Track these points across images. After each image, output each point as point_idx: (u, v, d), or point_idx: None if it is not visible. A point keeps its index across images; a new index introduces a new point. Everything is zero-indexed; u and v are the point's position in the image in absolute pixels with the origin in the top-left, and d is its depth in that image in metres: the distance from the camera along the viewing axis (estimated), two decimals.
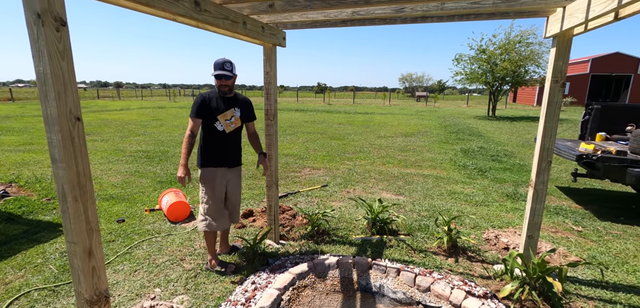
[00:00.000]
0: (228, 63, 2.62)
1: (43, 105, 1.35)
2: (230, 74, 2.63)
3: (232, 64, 2.65)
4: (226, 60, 2.62)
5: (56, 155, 1.40)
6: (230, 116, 2.71)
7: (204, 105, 2.63)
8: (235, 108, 2.76)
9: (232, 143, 2.79)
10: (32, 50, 1.31)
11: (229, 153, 2.78)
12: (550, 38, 2.40)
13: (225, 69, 2.60)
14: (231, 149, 2.79)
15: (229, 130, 2.71)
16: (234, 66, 2.66)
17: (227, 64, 2.61)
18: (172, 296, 2.49)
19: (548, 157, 2.50)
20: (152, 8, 1.74)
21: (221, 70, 2.60)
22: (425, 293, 2.42)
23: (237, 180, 2.91)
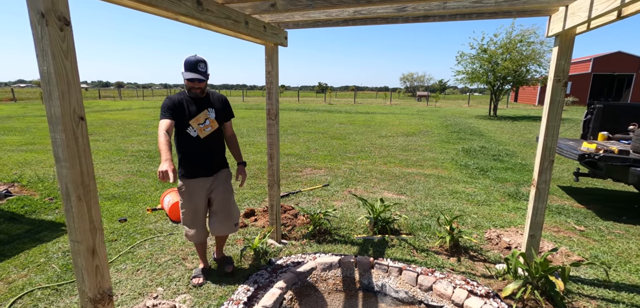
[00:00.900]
0: (202, 63, 2.34)
1: (47, 105, 1.36)
2: (204, 76, 2.35)
3: (206, 63, 2.38)
4: (199, 60, 2.34)
5: (60, 155, 1.41)
6: (203, 119, 2.42)
7: (173, 107, 2.34)
8: (209, 109, 2.45)
9: (210, 148, 2.48)
10: (36, 49, 1.31)
11: (207, 160, 2.49)
12: (552, 37, 2.39)
13: (199, 70, 2.32)
14: (209, 154, 2.49)
15: (204, 134, 2.42)
16: (207, 66, 2.40)
17: (201, 64, 2.33)
18: (174, 295, 2.50)
19: (550, 156, 2.50)
20: (155, 8, 1.75)
21: (194, 73, 2.32)
22: (428, 293, 2.42)
23: (224, 186, 2.60)
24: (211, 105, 2.48)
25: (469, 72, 18.84)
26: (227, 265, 2.79)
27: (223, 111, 2.58)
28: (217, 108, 2.51)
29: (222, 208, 2.59)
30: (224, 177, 2.63)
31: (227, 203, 2.61)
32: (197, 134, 2.41)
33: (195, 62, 2.32)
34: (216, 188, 2.56)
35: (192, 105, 2.40)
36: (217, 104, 2.54)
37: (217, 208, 2.58)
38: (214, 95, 2.57)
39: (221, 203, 2.58)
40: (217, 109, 2.51)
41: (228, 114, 2.64)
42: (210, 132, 2.45)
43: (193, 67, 2.32)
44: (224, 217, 2.60)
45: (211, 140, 2.48)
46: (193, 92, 2.39)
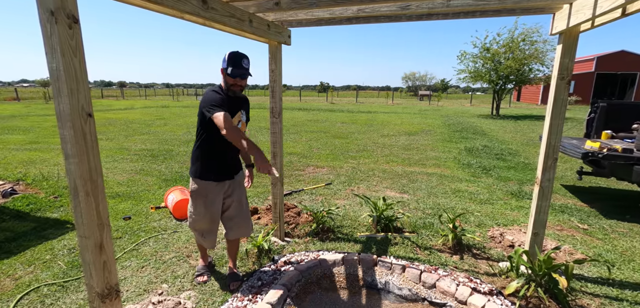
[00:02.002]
0: (246, 59, 2.23)
1: (56, 102, 1.37)
2: (248, 73, 2.25)
3: (249, 60, 2.26)
4: (244, 56, 2.23)
5: (68, 151, 1.42)
6: (237, 121, 2.34)
7: (225, 104, 2.17)
8: (242, 111, 2.39)
9: (235, 151, 2.43)
10: (45, 47, 1.33)
11: (231, 162, 2.43)
12: (556, 35, 2.39)
13: (244, 66, 2.20)
14: (234, 157, 2.45)
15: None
16: (249, 63, 2.29)
17: (245, 60, 2.22)
18: (179, 292, 2.52)
19: (554, 155, 2.50)
20: (161, 6, 1.76)
21: (240, 68, 2.19)
22: (431, 290, 2.43)
23: (239, 190, 2.51)
24: (243, 108, 2.40)
25: (471, 71, 18.80)
26: (232, 282, 2.55)
27: (248, 115, 2.53)
28: (247, 110, 2.47)
29: (240, 212, 2.50)
30: (240, 181, 2.54)
31: (245, 207, 2.54)
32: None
33: (241, 57, 2.20)
34: (234, 192, 2.46)
35: (230, 104, 2.26)
36: (246, 106, 2.46)
37: (234, 212, 2.48)
38: (246, 98, 2.49)
39: (239, 207, 2.49)
40: (247, 111, 2.48)
41: (248, 117, 2.57)
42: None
43: (239, 63, 2.19)
44: (242, 220, 2.52)
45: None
46: (233, 90, 2.25)
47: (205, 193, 2.34)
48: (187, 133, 11.13)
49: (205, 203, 2.35)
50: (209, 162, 2.31)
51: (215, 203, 2.38)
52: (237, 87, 2.25)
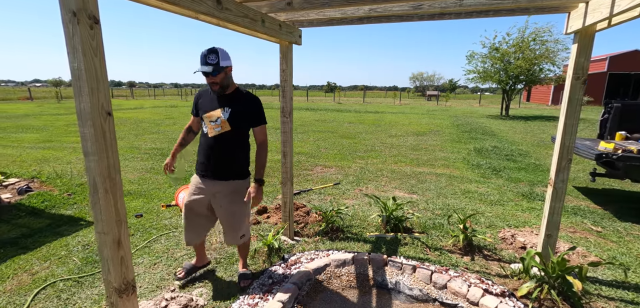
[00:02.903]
0: (212, 54, 2.09)
1: (77, 100, 1.41)
2: (211, 70, 2.09)
3: (217, 54, 2.10)
4: (209, 51, 2.10)
5: (88, 149, 1.45)
6: (215, 118, 2.22)
7: (196, 101, 2.36)
8: (225, 108, 2.22)
9: (218, 151, 2.27)
10: (67, 47, 1.36)
11: (212, 162, 2.29)
12: (571, 34, 2.36)
13: (208, 62, 2.09)
14: (216, 157, 2.28)
15: (212, 134, 2.25)
16: (220, 56, 2.11)
17: (211, 56, 2.09)
18: (191, 288, 2.55)
19: (568, 156, 2.46)
20: (177, 6, 1.79)
21: (202, 66, 2.12)
22: (442, 291, 2.42)
23: (227, 198, 2.33)
24: (230, 105, 2.24)
25: (480, 71, 18.61)
26: (243, 280, 2.55)
27: (245, 114, 2.26)
28: (235, 109, 2.23)
29: (225, 221, 2.40)
30: (231, 189, 2.33)
31: (230, 217, 2.37)
32: (207, 131, 2.27)
33: (203, 55, 2.11)
34: (219, 199, 2.33)
35: (211, 100, 2.27)
36: (238, 105, 2.25)
37: (221, 217, 2.41)
38: (242, 95, 2.30)
39: (222, 216, 2.39)
40: (236, 111, 2.23)
41: (253, 119, 2.30)
42: (220, 133, 2.24)
43: (202, 60, 2.11)
44: (227, 229, 2.43)
45: (219, 142, 2.26)
46: (211, 88, 2.22)
47: (191, 183, 2.43)
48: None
49: (189, 192, 2.41)
50: (197, 156, 2.40)
51: (192, 195, 2.37)
52: (212, 85, 2.19)
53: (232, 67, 2.25)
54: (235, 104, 2.25)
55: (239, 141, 2.32)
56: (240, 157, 2.35)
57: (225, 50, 2.18)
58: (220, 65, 2.12)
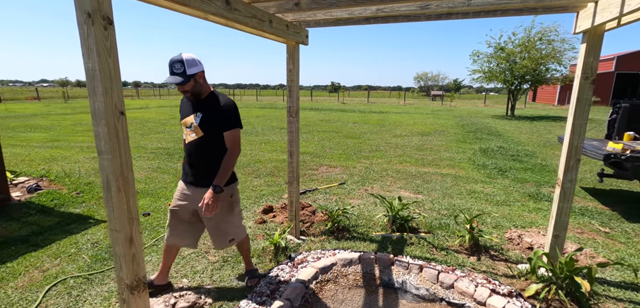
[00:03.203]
0: (177, 64, 2.04)
1: (91, 100, 1.43)
2: (179, 80, 2.06)
3: (182, 62, 2.04)
4: (174, 61, 2.05)
5: (102, 147, 1.48)
6: (189, 123, 2.22)
7: (180, 107, 2.36)
8: (197, 113, 2.18)
9: (195, 158, 2.24)
10: (82, 47, 1.38)
11: (192, 168, 2.27)
12: (579, 34, 2.35)
13: (175, 72, 2.05)
14: (194, 164, 2.26)
15: (189, 140, 2.23)
16: (186, 65, 2.05)
17: (177, 65, 2.04)
18: (199, 286, 2.58)
19: (576, 156, 2.45)
20: (187, 7, 1.81)
21: (170, 77, 2.09)
22: (449, 290, 2.42)
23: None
24: (201, 109, 2.19)
25: (485, 71, 18.51)
26: (250, 278, 2.58)
27: (214, 118, 2.17)
28: (206, 114, 2.17)
29: (210, 227, 2.34)
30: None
31: (215, 223, 2.32)
32: (185, 137, 2.25)
33: (170, 63, 2.06)
34: (198, 203, 2.26)
35: (188, 106, 2.25)
36: (209, 109, 2.18)
37: (206, 225, 2.35)
38: (219, 100, 2.20)
39: (207, 223, 2.32)
40: (207, 115, 2.17)
41: (222, 124, 2.18)
42: (194, 140, 2.21)
43: (169, 70, 2.07)
44: (213, 234, 2.36)
45: (193, 149, 2.23)
46: (184, 95, 2.20)
47: (178, 188, 2.39)
48: None
49: (174, 197, 2.38)
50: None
51: (179, 202, 2.33)
52: (184, 93, 2.15)
53: (202, 72, 2.16)
54: (206, 109, 2.18)
55: (213, 147, 2.22)
56: (216, 163, 2.20)
57: (193, 57, 2.10)
58: (188, 74, 2.06)
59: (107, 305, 2.39)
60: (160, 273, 2.51)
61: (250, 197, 4.75)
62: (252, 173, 6.12)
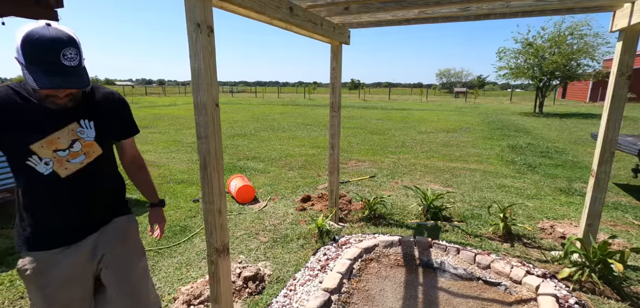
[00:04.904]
0: (71, 50, 1.11)
1: (195, 94, 1.75)
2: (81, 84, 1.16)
3: (77, 47, 1.13)
4: (65, 42, 1.10)
5: (201, 133, 1.80)
6: (67, 142, 1.25)
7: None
8: (83, 122, 1.29)
9: (85, 191, 1.33)
10: (190, 51, 1.70)
11: (78, 211, 1.33)
12: (616, 32, 2.48)
13: (66, 58, 1.10)
14: (83, 202, 1.33)
15: (68, 172, 1.27)
16: (80, 49, 1.15)
17: (70, 52, 1.10)
18: (256, 261, 2.90)
19: (611, 148, 2.58)
20: (262, 15, 2.11)
21: (52, 74, 1.09)
22: (485, 271, 2.62)
23: (122, 248, 1.43)
24: (88, 115, 1.31)
25: (512, 68, 18.10)
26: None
27: (116, 122, 1.44)
28: (100, 121, 1.34)
29: (125, 288, 1.39)
30: (120, 229, 1.46)
31: (132, 276, 1.42)
32: (53, 171, 1.24)
33: (55, 42, 1.08)
34: (108, 254, 1.38)
35: (44, 113, 1.20)
36: (102, 111, 1.36)
37: (115, 290, 1.38)
38: (98, 92, 1.38)
39: (122, 279, 1.39)
40: (101, 123, 1.35)
41: (127, 128, 1.52)
42: (86, 165, 1.31)
43: (48, 59, 1.08)
44: (127, 298, 1.39)
45: (85, 179, 1.32)
46: (51, 102, 1.20)
47: (33, 272, 1.28)
48: (229, 127, 11.78)
49: (42, 290, 1.29)
50: (27, 215, 1.29)
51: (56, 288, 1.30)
52: (57, 99, 1.19)
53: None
54: (97, 111, 1.34)
55: (109, 164, 1.46)
56: (117, 184, 1.53)
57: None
58: (84, 67, 1.19)
59: (180, 273, 2.75)
60: None
61: (288, 187, 5.07)
62: (284, 166, 6.45)
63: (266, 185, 5.16)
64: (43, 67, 1.08)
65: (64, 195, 1.29)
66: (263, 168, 6.27)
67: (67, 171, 1.27)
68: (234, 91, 49.54)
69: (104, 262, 1.38)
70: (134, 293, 1.41)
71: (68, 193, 1.30)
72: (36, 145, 1.19)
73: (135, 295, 1.41)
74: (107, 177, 1.46)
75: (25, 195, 1.28)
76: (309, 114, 17.32)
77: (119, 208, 1.53)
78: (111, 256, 1.39)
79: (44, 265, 1.29)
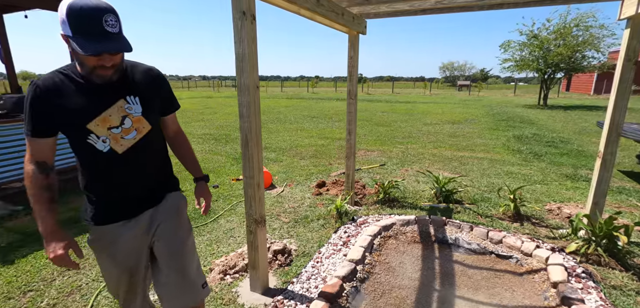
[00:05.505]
0: (111, 16, 1.14)
1: (239, 77, 1.93)
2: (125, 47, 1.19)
3: (117, 15, 1.17)
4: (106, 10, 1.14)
5: (243, 112, 1.98)
6: (118, 119, 1.30)
7: (46, 106, 1.21)
8: (129, 98, 1.32)
9: (139, 168, 1.40)
10: (235, 37, 1.87)
11: (134, 189, 1.41)
12: (623, 20, 2.62)
13: (108, 24, 1.13)
14: (138, 179, 1.41)
15: (125, 148, 1.33)
16: (119, 17, 1.18)
17: (111, 18, 1.14)
18: (281, 239, 3.09)
19: (617, 130, 2.74)
20: (293, 4, 2.27)
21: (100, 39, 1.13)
22: (498, 245, 2.80)
23: (175, 222, 1.49)
24: (132, 91, 1.34)
25: (517, 60, 18.14)
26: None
27: (158, 99, 1.45)
28: (144, 96, 1.37)
29: (175, 263, 1.45)
30: (173, 206, 1.52)
31: (182, 251, 1.48)
32: (110, 148, 1.30)
33: (97, 10, 1.12)
34: (161, 228, 1.45)
35: (91, 93, 1.25)
36: (144, 86, 1.38)
37: (166, 263, 1.45)
38: (137, 69, 1.40)
39: (172, 253, 1.45)
40: (145, 97, 1.37)
41: (168, 103, 1.52)
42: (138, 141, 1.36)
43: (92, 25, 1.12)
44: (179, 277, 1.45)
45: (139, 154, 1.38)
46: (99, 74, 1.21)
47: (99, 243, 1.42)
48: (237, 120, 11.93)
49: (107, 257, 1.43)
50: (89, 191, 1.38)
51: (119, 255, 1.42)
52: (103, 71, 1.21)
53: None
54: (139, 87, 1.36)
55: (158, 140, 1.51)
56: (166, 160, 1.56)
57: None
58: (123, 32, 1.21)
59: (211, 248, 2.94)
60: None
61: (302, 175, 5.25)
62: (296, 155, 6.64)
63: (281, 173, 5.35)
64: (89, 35, 1.12)
65: (123, 170, 1.35)
66: (275, 157, 6.45)
67: (122, 147, 1.32)
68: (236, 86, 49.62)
69: (157, 235, 1.44)
70: (182, 268, 1.46)
71: (126, 169, 1.36)
72: (92, 124, 1.25)
73: (184, 270, 1.46)
74: (158, 152, 1.50)
75: (88, 173, 1.35)
76: (314, 106, 17.48)
77: (171, 184, 1.57)
78: (164, 230, 1.45)
79: (110, 237, 1.39)
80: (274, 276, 2.50)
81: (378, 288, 2.35)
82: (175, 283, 1.44)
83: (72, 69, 1.25)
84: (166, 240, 1.44)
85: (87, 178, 1.36)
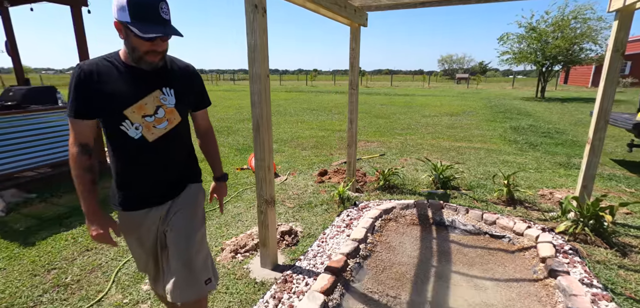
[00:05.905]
0: (164, 4, 1.24)
1: (251, 67, 2.07)
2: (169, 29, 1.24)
3: (168, 4, 1.27)
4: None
5: (255, 100, 2.13)
6: (153, 108, 1.35)
7: (88, 89, 1.26)
8: (165, 89, 1.38)
9: (167, 158, 1.45)
10: (247, 29, 2.01)
11: (162, 178, 1.46)
12: (613, 12, 2.77)
13: (162, 16, 1.23)
14: (165, 170, 1.46)
15: (155, 137, 1.38)
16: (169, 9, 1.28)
17: (164, 5, 1.24)
18: (287, 222, 3.25)
19: (605, 117, 2.90)
20: None
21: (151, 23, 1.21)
22: (492, 226, 2.97)
23: (189, 210, 1.50)
24: (169, 82, 1.39)
25: (515, 52, 18.26)
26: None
27: (191, 94, 1.50)
28: (178, 89, 1.42)
29: (182, 255, 1.43)
30: (191, 196, 1.54)
31: (190, 244, 1.45)
32: (141, 135, 1.35)
33: (152, 2, 1.21)
34: (175, 217, 1.46)
35: (131, 81, 1.31)
36: (180, 81, 1.44)
37: (173, 253, 1.43)
38: (176, 65, 1.46)
39: (180, 245, 1.43)
40: (180, 91, 1.43)
41: (201, 99, 1.58)
42: (169, 131, 1.40)
43: (150, 12, 1.20)
44: (185, 270, 1.43)
45: (169, 144, 1.43)
46: (148, 60, 1.28)
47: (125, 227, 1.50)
48: (237, 113, 12.07)
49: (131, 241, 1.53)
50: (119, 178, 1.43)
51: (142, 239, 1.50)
52: (152, 56, 1.28)
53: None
54: (175, 79, 1.42)
55: (188, 130, 1.56)
56: (191, 153, 1.61)
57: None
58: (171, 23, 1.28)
59: (221, 231, 3.10)
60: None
61: (304, 164, 5.41)
62: (297, 146, 6.79)
63: (283, 162, 5.50)
64: (146, 20, 1.20)
65: (152, 158, 1.39)
66: (277, 148, 6.60)
67: (153, 136, 1.36)
68: (235, 79, 49.57)
69: (170, 224, 1.44)
70: (188, 261, 1.43)
71: (155, 157, 1.40)
72: (129, 110, 1.29)
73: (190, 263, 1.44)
74: (185, 144, 1.53)
75: (118, 159, 1.39)
76: (313, 99, 17.57)
77: (193, 175, 1.60)
78: (176, 220, 1.45)
79: (136, 223, 1.46)
80: (282, 254, 2.67)
81: (379, 264, 2.53)
82: (180, 274, 1.42)
83: (115, 57, 1.33)
84: (177, 231, 1.44)
85: (117, 164, 1.40)
